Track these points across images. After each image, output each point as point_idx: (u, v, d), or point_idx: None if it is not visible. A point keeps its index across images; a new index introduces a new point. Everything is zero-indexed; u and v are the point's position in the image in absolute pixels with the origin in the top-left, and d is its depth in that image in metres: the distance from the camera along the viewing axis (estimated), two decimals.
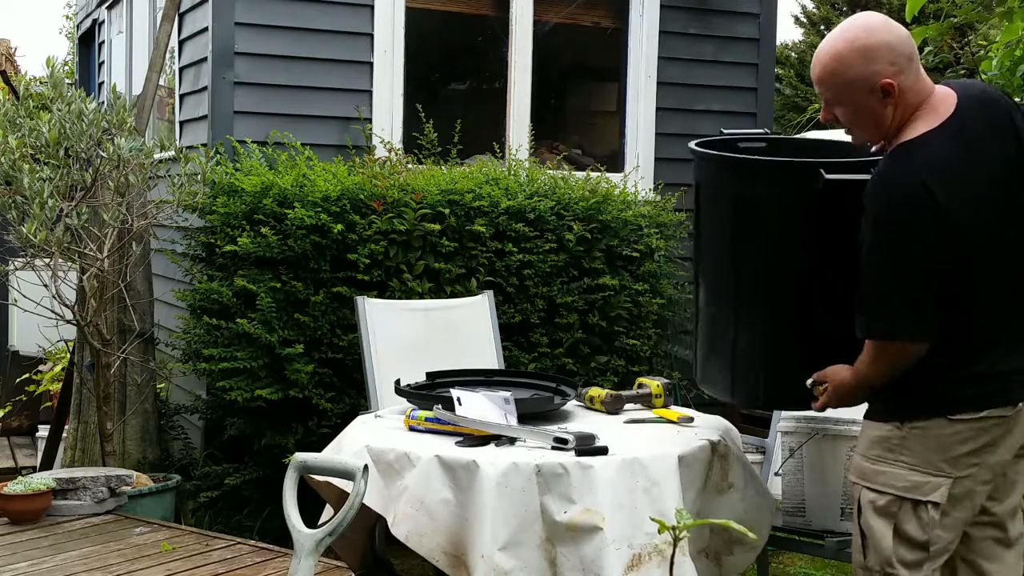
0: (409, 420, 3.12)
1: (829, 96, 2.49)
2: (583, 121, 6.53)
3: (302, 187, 4.41)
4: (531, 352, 4.73)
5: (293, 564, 2.51)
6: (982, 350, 2.42)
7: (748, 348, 2.88)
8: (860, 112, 2.46)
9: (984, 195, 2.39)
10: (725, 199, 2.92)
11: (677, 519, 1.87)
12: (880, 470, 2.47)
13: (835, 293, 2.73)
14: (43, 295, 4.46)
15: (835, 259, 2.71)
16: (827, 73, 2.46)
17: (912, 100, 2.43)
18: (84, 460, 4.81)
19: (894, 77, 2.39)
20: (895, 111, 2.43)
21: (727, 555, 3.07)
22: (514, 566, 2.66)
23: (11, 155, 4.23)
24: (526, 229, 4.69)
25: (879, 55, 2.40)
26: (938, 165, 2.35)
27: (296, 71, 5.07)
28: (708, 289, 3.03)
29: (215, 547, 3.60)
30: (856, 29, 2.44)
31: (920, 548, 2.42)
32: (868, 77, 2.40)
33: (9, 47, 9.47)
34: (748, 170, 2.89)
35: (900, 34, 2.44)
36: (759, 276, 2.84)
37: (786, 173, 2.79)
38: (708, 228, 3.03)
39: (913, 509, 2.42)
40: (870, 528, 2.47)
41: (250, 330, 4.28)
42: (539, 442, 2.87)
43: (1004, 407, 2.43)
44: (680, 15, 5.85)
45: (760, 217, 2.79)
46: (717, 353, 2.98)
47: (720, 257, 2.97)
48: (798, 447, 3.28)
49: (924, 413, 2.43)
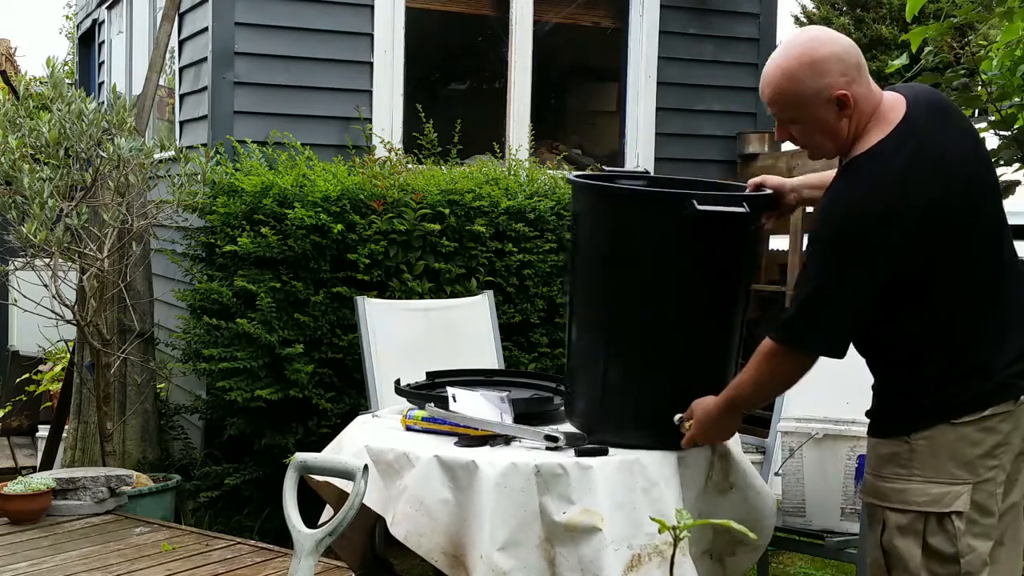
0: (406, 420, 3.12)
1: (783, 116, 2.45)
2: (583, 121, 6.53)
3: (302, 187, 4.41)
4: (531, 352, 4.73)
5: (293, 564, 2.51)
6: (971, 350, 2.39)
7: (618, 382, 2.89)
8: (816, 128, 2.42)
9: (944, 194, 2.35)
10: (603, 229, 2.91)
11: (677, 519, 1.87)
12: (897, 488, 2.39)
13: (706, 327, 2.80)
14: (43, 295, 4.46)
15: (706, 292, 2.79)
16: (779, 93, 2.41)
17: (866, 109, 2.39)
18: (84, 460, 4.81)
19: (847, 87, 2.35)
20: (850, 123, 2.39)
21: (730, 556, 3.07)
22: (513, 566, 2.66)
23: (11, 155, 4.23)
24: (526, 229, 4.69)
25: (829, 67, 2.36)
26: (892, 175, 2.31)
27: (296, 71, 5.07)
28: (580, 322, 3.02)
29: (215, 547, 3.60)
30: (801, 45, 2.40)
31: (951, 562, 2.35)
32: (821, 91, 2.36)
33: (9, 47, 9.47)
34: (626, 199, 2.92)
35: (845, 44, 2.41)
36: (632, 308, 2.86)
37: (661, 204, 2.84)
38: (584, 260, 3.03)
39: (938, 523, 2.35)
40: (895, 549, 2.38)
41: (250, 330, 4.28)
42: (532, 441, 2.87)
43: (1006, 402, 2.41)
44: (680, 15, 5.85)
45: (635, 248, 2.82)
46: (587, 387, 2.97)
47: (597, 289, 2.97)
48: (798, 447, 3.27)
49: (926, 422, 2.36)
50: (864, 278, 2.34)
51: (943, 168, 2.35)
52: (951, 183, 2.36)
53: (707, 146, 5.96)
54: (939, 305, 2.36)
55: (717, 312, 2.85)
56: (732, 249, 2.82)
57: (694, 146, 5.93)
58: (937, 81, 3.72)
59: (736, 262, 2.85)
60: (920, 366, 2.40)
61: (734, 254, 2.83)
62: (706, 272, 2.80)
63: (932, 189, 2.33)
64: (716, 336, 2.87)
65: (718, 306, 2.85)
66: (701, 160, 5.94)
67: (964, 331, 2.39)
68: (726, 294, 2.85)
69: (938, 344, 2.37)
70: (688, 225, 2.69)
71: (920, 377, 2.40)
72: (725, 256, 2.81)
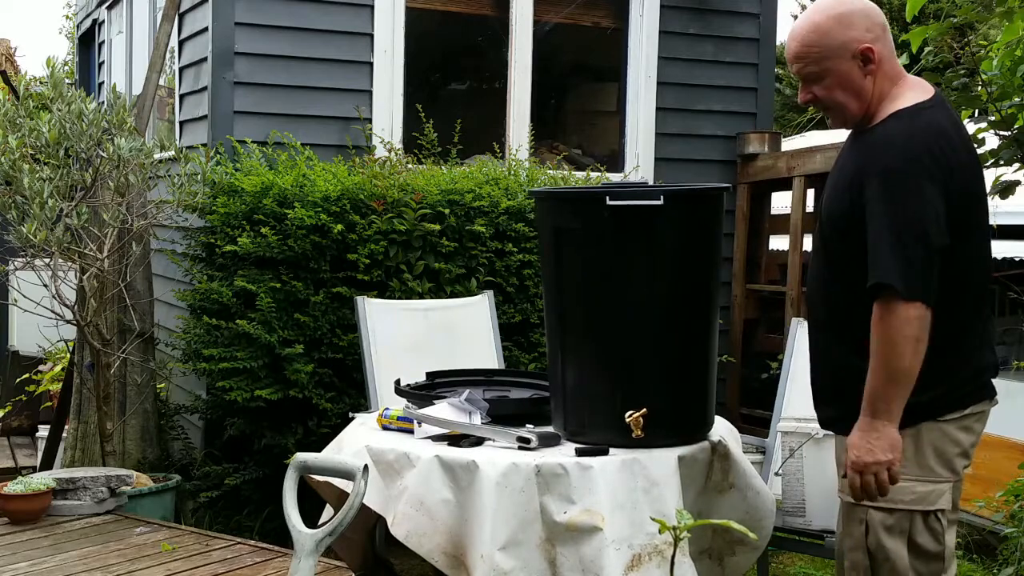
0: (382, 420, 3.13)
1: (808, 71, 2.44)
2: (583, 121, 6.52)
3: (302, 187, 4.41)
4: (531, 352, 4.73)
5: (293, 564, 2.51)
6: (961, 348, 2.40)
7: (574, 381, 2.93)
8: (841, 83, 2.41)
9: (974, 171, 2.38)
10: (547, 233, 3.00)
11: (677, 519, 1.86)
12: None
13: (644, 324, 2.81)
14: (43, 295, 4.46)
15: (643, 290, 2.81)
16: (805, 45, 2.42)
17: (890, 72, 2.41)
18: (84, 460, 4.81)
19: (873, 43, 2.38)
20: (875, 81, 2.40)
21: (729, 555, 3.07)
22: (514, 566, 2.66)
23: (11, 155, 4.23)
24: (526, 229, 4.69)
25: (855, 21, 2.39)
26: (945, 133, 2.32)
27: (296, 71, 5.07)
28: (546, 326, 3.09)
29: (215, 547, 3.60)
30: (827, 1, 2.44)
31: (935, 559, 2.37)
32: (847, 43, 2.38)
33: (9, 47, 9.47)
34: (557, 201, 3.04)
35: (870, 3, 2.45)
36: (577, 307, 2.91)
37: (585, 203, 2.91)
38: (542, 266, 3.13)
39: (924, 520, 2.37)
40: (882, 549, 2.38)
41: (250, 330, 4.28)
42: (504, 441, 2.87)
43: (983, 402, 2.43)
44: (680, 15, 5.85)
45: (563, 248, 2.89)
46: (553, 386, 3.03)
47: (549, 291, 3.05)
48: (798, 447, 3.27)
49: (912, 419, 2.35)
50: (936, 210, 2.25)
51: (971, 149, 2.40)
52: (978, 166, 2.40)
53: (707, 146, 5.96)
54: (940, 300, 2.35)
55: (660, 310, 2.84)
56: (668, 245, 2.81)
57: (694, 146, 5.93)
58: (937, 81, 3.72)
59: (677, 258, 2.84)
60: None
61: (673, 250, 2.82)
62: (640, 270, 2.80)
63: (968, 160, 2.36)
64: (664, 335, 2.86)
65: (660, 304, 2.84)
66: (701, 160, 5.94)
67: (957, 329, 2.40)
68: (669, 291, 2.83)
69: (933, 341, 2.35)
70: (608, 222, 2.72)
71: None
72: (659, 252, 2.80)
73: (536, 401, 3.25)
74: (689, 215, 2.84)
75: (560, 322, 2.95)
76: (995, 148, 3.65)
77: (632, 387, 2.79)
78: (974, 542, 4.76)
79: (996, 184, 3.69)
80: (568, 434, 2.92)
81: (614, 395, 2.81)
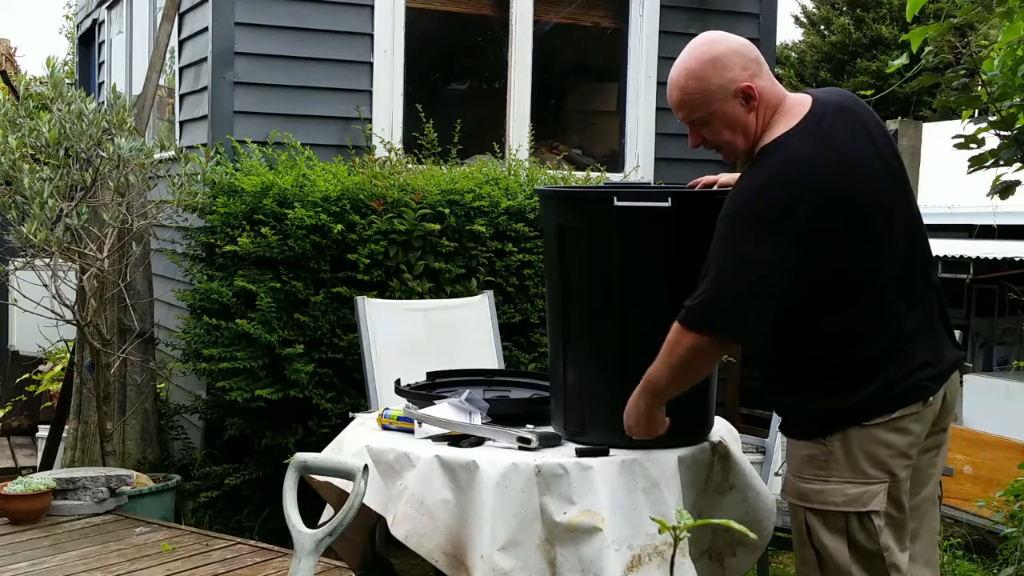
0: (382, 419, 3.13)
1: (693, 118, 2.48)
2: (583, 121, 6.53)
3: (302, 187, 4.41)
4: (531, 352, 4.73)
5: (293, 564, 2.51)
6: (884, 352, 2.41)
7: (574, 382, 2.92)
8: (727, 124, 2.45)
9: (848, 186, 2.37)
10: (551, 232, 2.99)
11: (677, 519, 1.86)
12: (817, 488, 2.45)
13: (646, 325, 2.76)
14: (43, 295, 4.46)
15: (646, 292, 2.80)
16: (686, 93, 2.46)
17: (771, 102, 2.45)
18: (84, 460, 4.81)
19: (751, 80, 2.42)
20: (758, 116, 2.44)
21: (729, 556, 3.07)
22: (513, 566, 2.66)
23: (11, 155, 4.23)
24: (526, 229, 4.69)
25: (730, 62, 2.42)
26: (804, 162, 2.35)
27: (296, 71, 5.07)
28: (548, 325, 3.09)
29: (215, 547, 3.60)
30: (699, 46, 2.46)
31: (875, 557, 2.41)
32: (725, 85, 2.41)
33: (9, 47, 9.46)
34: (563, 200, 3.02)
35: (742, 41, 2.48)
36: (579, 307, 2.90)
37: (591, 203, 2.90)
38: (545, 265, 3.13)
39: (859, 521, 2.41)
40: (825, 547, 2.45)
41: (250, 330, 4.28)
42: (504, 441, 2.87)
43: (915, 403, 2.43)
44: (680, 15, 5.85)
45: (575, 247, 2.87)
46: (554, 387, 3.03)
47: (551, 291, 3.04)
48: None
49: (839, 425, 2.41)
50: (768, 260, 2.34)
51: (847, 162, 2.39)
52: (856, 177, 2.39)
53: None
54: (854, 306, 2.39)
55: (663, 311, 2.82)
56: (674, 246, 2.80)
57: None
58: (937, 81, 3.72)
59: (681, 259, 2.80)
60: (834, 368, 2.43)
61: (678, 251, 2.81)
62: (644, 271, 2.80)
63: (836, 180, 2.35)
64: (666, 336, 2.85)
65: (663, 305, 2.82)
66: (701, 160, 5.92)
67: (877, 332, 2.41)
68: (673, 293, 2.82)
69: (852, 346, 2.40)
70: (614, 223, 2.71)
71: (833, 379, 2.43)
72: (663, 254, 2.80)
73: (536, 401, 3.25)
74: (695, 217, 2.84)
75: (562, 321, 2.95)
76: (995, 148, 3.65)
77: (633, 388, 2.79)
78: (974, 542, 4.76)
79: (996, 184, 3.69)
80: (568, 434, 2.92)
81: (614, 395, 2.81)
